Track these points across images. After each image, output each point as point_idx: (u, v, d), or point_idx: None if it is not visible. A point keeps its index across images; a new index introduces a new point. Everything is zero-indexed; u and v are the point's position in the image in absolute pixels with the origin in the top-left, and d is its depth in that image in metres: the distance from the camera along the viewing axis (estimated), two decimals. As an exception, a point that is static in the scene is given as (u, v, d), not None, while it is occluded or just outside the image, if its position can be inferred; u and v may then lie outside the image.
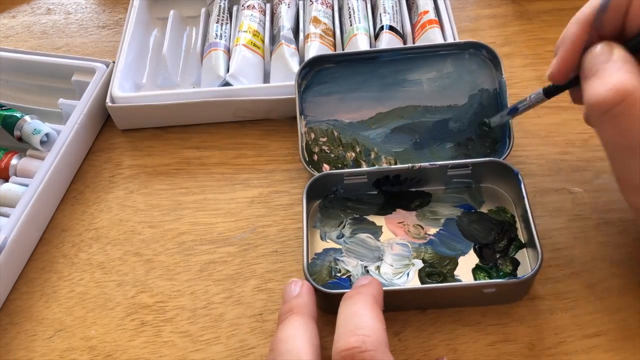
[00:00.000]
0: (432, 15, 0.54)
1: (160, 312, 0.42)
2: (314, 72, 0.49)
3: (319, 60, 0.49)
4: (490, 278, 0.40)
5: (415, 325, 0.39)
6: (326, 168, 0.47)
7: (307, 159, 0.47)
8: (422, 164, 0.44)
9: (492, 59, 0.47)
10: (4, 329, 0.42)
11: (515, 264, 0.40)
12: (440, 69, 0.48)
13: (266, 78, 0.54)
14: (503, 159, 0.44)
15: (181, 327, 0.41)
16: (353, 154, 0.47)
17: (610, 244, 0.42)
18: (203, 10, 0.59)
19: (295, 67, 0.52)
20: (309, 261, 0.41)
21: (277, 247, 0.45)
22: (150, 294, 0.43)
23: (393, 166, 0.45)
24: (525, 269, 0.40)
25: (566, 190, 0.45)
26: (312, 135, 0.48)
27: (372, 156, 0.47)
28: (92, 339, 0.41)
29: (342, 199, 0.45)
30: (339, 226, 0.44)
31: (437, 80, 0.48)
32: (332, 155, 0.47)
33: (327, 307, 0.39)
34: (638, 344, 0.37)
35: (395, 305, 0.39)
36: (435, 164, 0.44)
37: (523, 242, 0.41)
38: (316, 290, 0.37)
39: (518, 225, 0.42)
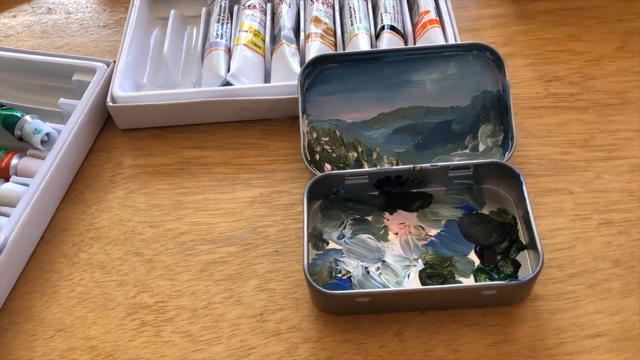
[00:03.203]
0: (433, 15, 0.54)
1: (160, 312, 0.42)
2: (317, 71, 0.49)
3: (322, 60, 0.48)
4: (491, 280, 0.40)
5: (416, 325, 0.39)
6: (328, 167, 0.47)
7: (308, 158, 0.47)
8: (423, 165, 0.44)
9: (495, 61, 0.47)
10: (4, 328, 0.42)
11: (517, 265, 0.40)
12: (444, 70, 0.48)
13: (267, 78, 0.54)
14: (505, 161, 0.43)
15: (182, 327, 0.41)
16: (355, 154, 0.47)
17: (611, 244, 0.42)
18: (204, 9, 0.59)
19: (296, 67, 0.52)
20: (310, 261, 0.41)
21: (277, 247, 0.44)
22: (150, 293, 0.43)
23: (394, 167, 0.44)
24: (526, 271, 0.40)
25: (567, 190, 0.45)
26: (314, 135, 0.48)
27: (374, 156, 0.47)
28: (93, 338, 0.41)
29: (343, 200, 0.45)
30: (339, 227, 0.44)
31: (440, 82, 0.48)
32: (334, 155, 0.47)
33: (327, 308, 0.39)
34: (639, 344, 0.37)
35: (395, 306, 0.39)
36: (436, 165, 0.44)
37: (524, 243, 0.41)
38: (316, 290, 0.37)
39: (519, 226, 0.42)
